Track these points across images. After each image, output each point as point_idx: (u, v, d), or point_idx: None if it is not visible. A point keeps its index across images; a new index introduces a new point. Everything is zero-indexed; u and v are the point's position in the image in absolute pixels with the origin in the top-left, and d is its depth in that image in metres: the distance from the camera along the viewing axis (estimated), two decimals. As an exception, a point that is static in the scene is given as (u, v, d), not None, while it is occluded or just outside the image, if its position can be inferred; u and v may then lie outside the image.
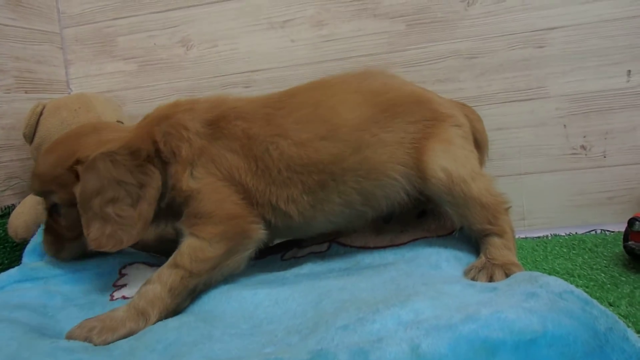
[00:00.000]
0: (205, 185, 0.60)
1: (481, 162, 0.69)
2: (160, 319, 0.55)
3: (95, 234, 0.58)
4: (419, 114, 0.63)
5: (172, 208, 0.63)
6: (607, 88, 0.84)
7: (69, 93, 0.99)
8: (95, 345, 0.51)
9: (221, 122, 0.63)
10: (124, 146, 0.61)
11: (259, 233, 0.61)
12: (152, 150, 0.62)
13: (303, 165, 0.61)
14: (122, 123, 0.86)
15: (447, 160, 0.60)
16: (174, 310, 0.57)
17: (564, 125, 0.86)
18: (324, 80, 0.69)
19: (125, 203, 0.58)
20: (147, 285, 0.57)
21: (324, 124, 0.62)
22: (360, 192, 0.62)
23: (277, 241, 0.75)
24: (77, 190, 0.59)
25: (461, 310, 0.41)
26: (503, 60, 0.86)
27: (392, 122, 0.62)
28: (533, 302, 0.42)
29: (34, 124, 0.80)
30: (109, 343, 0.51)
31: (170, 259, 0.58)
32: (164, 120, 0.64)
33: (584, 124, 0.85)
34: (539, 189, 0.87)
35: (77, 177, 0.60)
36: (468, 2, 0.86)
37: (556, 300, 0.42)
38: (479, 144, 0.69)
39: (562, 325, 0.39)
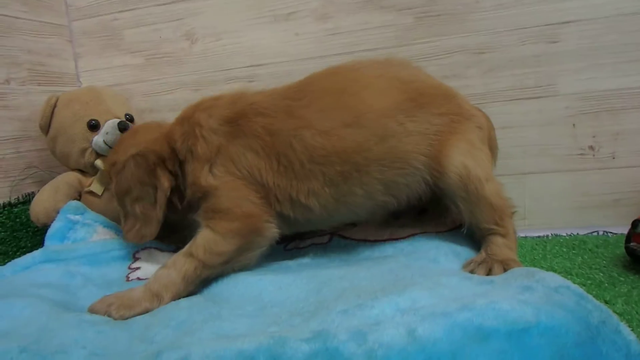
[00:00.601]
0: (224, 183, 0.62)
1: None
2: (172, 300, 0.58)
3: (127, 228, 0.66)
4: (446, 108, 0.63)
5: (190, 203, 0.66)
6: (621, 87, 0.81)
7: (79, 86, 1.00)
8: (114, 319, 0.55)
9: (240, 119, 0.63)
10: (143, 149, 0.66)
11: (272, 232, 0.62)
12: (166, 152, 0.65)
13: (326, 156, 0.61)
14: (131, 115, 0.87)
15: (468, 158, 0.60)
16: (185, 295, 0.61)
17: (573, 125, 0.83)
18: (343, 66, 0.67)
19: (148, 202, 0.65)
20: (163, 270, 0.60)
21: (349, 111, 0.61)
22: (383, 181, 0.62)
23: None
24: (112, 190, 0.69)
25: (457, 300, 0.43)
26: (513, 56, 0.83)
27: (418, 111, 0.62)
28: (528, 294, 0.43)
29: (48, 116, 0.84)
30: (125, 319, 0.55)
31: (186, 248, 0.61)
32: (185, 121, 0.67)
33: (594, 124, 0.83)
34: (543, 189, 0.85)
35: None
36: (478, -5, 0.82)
37: (551, 294, 0.43)
38: (491, 151, 0.69)
39: (555, 317, 0.40)
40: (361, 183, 0.62)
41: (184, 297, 0.60)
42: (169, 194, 0.65)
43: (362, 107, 0.61)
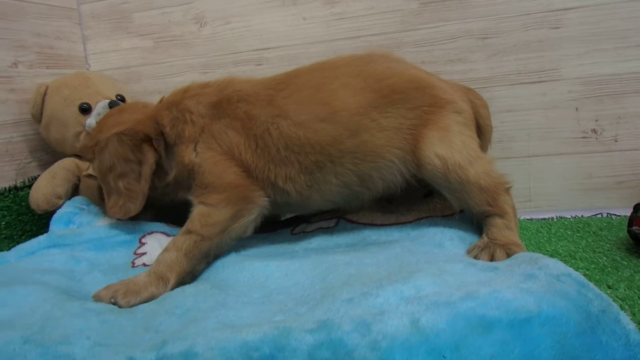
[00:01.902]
0: (206, 159, 0.64)
1: (483, 148, 0.69)
2: (178, 281, 0.59)
3: (111, 205, 0.67)
4: (418, 100, 0.63)
5: (181, 183, 0.68)
6: (623, 71, 0.82)
7: (87, 69, 1.01)
8: (120, 306, 0.55)
9: (224, 104, 0.66)
10: (130, 127, 0.67)
11: (261, 200, 0.65)
12: (153, 132, 0.68)
13: (300, 146, 0.63)
14: (122, 96, 0.88)
15: (443, 147, 0.60)
16: (191, 273, 0.62)
17: (576, 109, 0.85)
18: (327, 62, 0.70)
19: (131, 178, 0.66)
20: (164, 253, 0.61)
21: (324, 107, 0.64)
22: (357, 173, 0.64)
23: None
24: (95, 167, 0.70)
25: (461, 289, 0.43)
26: (517, 41, 0.85)
27: (391, 107, 0.63)
28: (531, 283, 0.43)
29: (40, 104, 0.84)
30: (132, 305, 0.55)
31: (183, 228, 0.63)
32: (174, 106, 0.69)
33: (596, 108, 0.84)
34: (547, 171, 0.86)
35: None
36: (484, -19, 0.84)
37: (553, 282, 0.43)
38: (482, 130, 0.69)
39: (557, 307, 0.40)
40: (335, 173, 0.64)
41: (189, 273, 0.61)
42: (153, 168, 0.67)
43: (336, 104, 0.63)
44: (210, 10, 0.94)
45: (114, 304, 0.55)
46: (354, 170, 0.64)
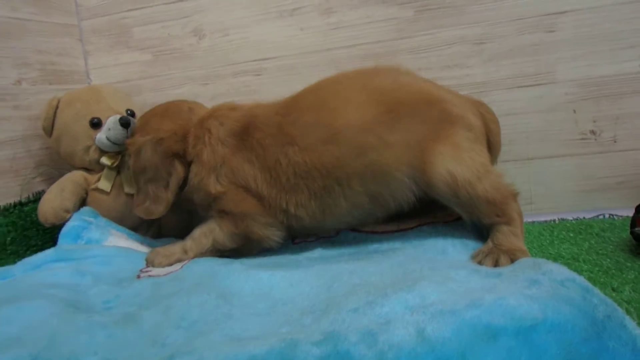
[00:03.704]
0: (229, 190, 0.67)
1: (491, 162, 0.68)
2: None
3: (138, 202, 0.72)
4: (428, 115, 0.61)
5: (187, 197, 0.72)
6: (619, 72, 0.83)
7: (89, 83, 1.02)
8: (155, 265, 0.68)
9: (243, 134, 0.68)
10: (164, 139, 0.71)
11: (273, 238, 0.68)
12: (182, 150, 0.71)
13: (307, 171, 0.64)
14: (132, 111, 0.88)
15: (454, 164, 0.59)
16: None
17: (574, 110, 0.85)
18: (330, 78, 0.69)
19: (160, 184, 0.70)
20: (189, 241, 0.71)
21: (326, 128, 0.63)
22: (367, 194, 0.63)
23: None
24: (130, 164, 0.74)
25: (466, 296, 0.43)
26: (512, 46, 0.85)
27: (398, 122, 0.61)
28: (535, 289, 0.43)
29: (51, 117, 0.84)
30: (164, 266, 0.68)
31: (204, 229, 0.70)
32: (202, 123, 0.71)
33: (594, 109, 0.84)
34: (547, 173, 0.87)
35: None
36: (478, -13, 0.85)
37: (558, 287, 0.43)
38: (491, 146, 0.67)
39: (562, 313, 0.40)
40: (345, 196, 0.64)
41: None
42: (181, 182, 0.71)
43: (340, 123, 0.62)
44: (208, 22, 0.95)
45: (152, 264, 0.68)
46: (364, 191, 0.63)
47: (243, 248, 0.70)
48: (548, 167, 0.86)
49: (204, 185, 0.68)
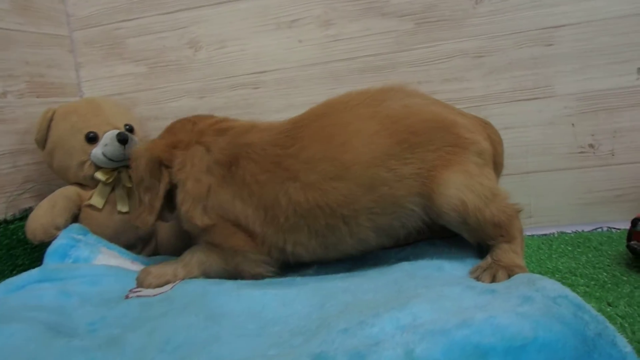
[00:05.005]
0: (217, 223, 0.65)
1: None
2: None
3: (137, 212, 0.71)
4: (440, 141, 0.59)
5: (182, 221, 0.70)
6: (616, 86, 0.83)
7: (81, 96, 1.00)
8: (145, 286, 0.66)
9: (233, 164, 0.64)
10: (156, 150, 0.69)
11: (263, 272, 0.65)
12: (167, 161, 0.69)
13: (309, 209, 0.60)
14: (131, 126, 0.87)
15: (465, 193, 0.57)
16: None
17: (572, 124, 0.85)
18: (337, 102, 0.65)
19: (154, 193, 0.69)
20: (180, 268, 0.69)
21: (334, 162, 0.59)
22: (375, 228, 0.61)
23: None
24: (132, 178, 0.74)
25: (457, 315, 0.43)
26: (511, 59, 0.85)
27: (410, 153, 0.59)
28: (528, 306, 0.43)
29: (45, 130, 0.82)
30: (154, 286, 0.66)
31: (194, 259, 0.68)
32: (190, 145, 0.69)
33: (592, 123, 0.85)
34: (546, 187, 0.87)
35: None
36: (476, 0, 0.85)
37: (550, 305, 0.43)
38: (495, 166, 0.66)
39: (553, 331, 0.40)
40: (350, 233, 0.61)
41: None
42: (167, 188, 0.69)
43: (348, 158, 0.59)
44: (205, 34, 0.94)
45: (142, 284, 0.66)
46: (371, 226, 0.60)
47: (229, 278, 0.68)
48: (547, 180, 0.87)
49: (190, 216, 0.66)
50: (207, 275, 0.68)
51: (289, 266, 0.68)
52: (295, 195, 0.60)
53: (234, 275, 0.67)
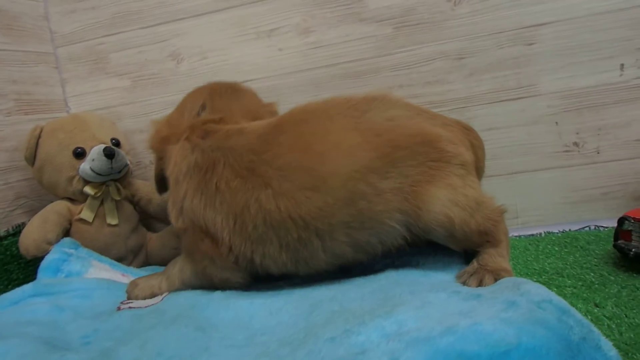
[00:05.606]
0: (189, 228, 0.63)
1: None
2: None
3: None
4: (423, 156, 0.57)
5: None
6: (600, 83, 0.82)
7: (67, 111, 1.00)
8: (131, 297, 0.68)
9: (208, 172, 0.61)
10: (156, 141, 0.71)
11: (237, 279, 0.64)
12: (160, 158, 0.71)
13: (280, 221, 0.57)
14: (117, 140, 0.87)
15: (450, 207, 0.56)
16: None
17: (556, 123, 0.85)
18: (318, 109, 0.62)
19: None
20: (163, 280, 0.70)
21: (311, 173, 0.57)
22: (352, 243, 0.58)
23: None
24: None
25: (442, 322, 0.43)
26: (492, 60, 0.85)
27: (392, 167, 0.57)
28: (512, 311, 0.43)
29: (33, 147, 0.83)
30: (140, 298, 0.68)
31: (175, 269, 0.69)
32: (182, 140, 0.66)
33: (576, 121, 0.84)
34: (532, 187, 0.86)
35: None
36: (455, 2, 0.85)
37: (534, 310, 0.43)
38: (477, 172, 0.65)
39: (537, 337, 0.40)
40: (324, 248, 0.58)
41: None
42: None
43: (326, 169, 0.56)
44: (186, 46, 0.94)
45: (129, 295, 0.68)
46: (348, 242, 0.58)
47: (214, 287, 0.66)
48: (533, 180, 0.86)
49: (170, 215, 0.66)
50: (185, 282, 0.68)
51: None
52: (266, 203, 0.57)
53: (206, 280, 0.65)
